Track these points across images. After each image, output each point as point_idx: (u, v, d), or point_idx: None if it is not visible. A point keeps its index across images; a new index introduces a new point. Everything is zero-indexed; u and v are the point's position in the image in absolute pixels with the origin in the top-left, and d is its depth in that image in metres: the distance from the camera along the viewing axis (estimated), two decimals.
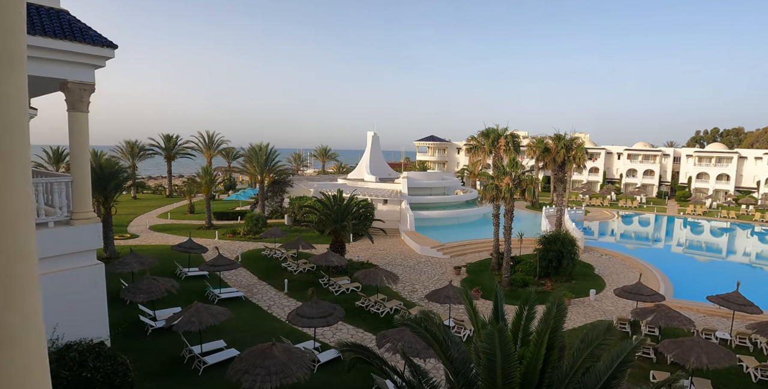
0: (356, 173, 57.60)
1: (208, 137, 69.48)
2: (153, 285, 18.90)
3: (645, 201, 69.14)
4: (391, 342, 14.49)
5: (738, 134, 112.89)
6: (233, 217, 46.98)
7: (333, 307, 17.61)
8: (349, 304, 23.33)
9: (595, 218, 55.99)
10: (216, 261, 24.13)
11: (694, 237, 51.07)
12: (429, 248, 35.26)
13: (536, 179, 28.70)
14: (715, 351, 15.16)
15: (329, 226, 29.31)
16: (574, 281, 28.65)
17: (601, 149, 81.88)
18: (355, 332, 20.45)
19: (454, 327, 20.81)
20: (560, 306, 7.83)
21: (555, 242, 29.01)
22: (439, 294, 20.50)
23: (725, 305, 20.67)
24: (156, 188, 74.89)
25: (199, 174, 44.26)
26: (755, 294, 21.53)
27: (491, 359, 6.76)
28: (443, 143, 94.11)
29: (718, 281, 26.10)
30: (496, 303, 9.19)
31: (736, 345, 20.35)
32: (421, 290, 26.65)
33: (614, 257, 35.59)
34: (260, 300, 24.04)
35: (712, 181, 73.23)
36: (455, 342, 8.38)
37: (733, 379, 17.08)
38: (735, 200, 67.55)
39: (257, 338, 18.03)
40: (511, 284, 27.30)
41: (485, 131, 40.34)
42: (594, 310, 24.30)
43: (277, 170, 49.70)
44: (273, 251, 32.89)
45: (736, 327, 21.64)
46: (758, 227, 54.12)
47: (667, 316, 18.65)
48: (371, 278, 22.80)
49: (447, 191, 54.89)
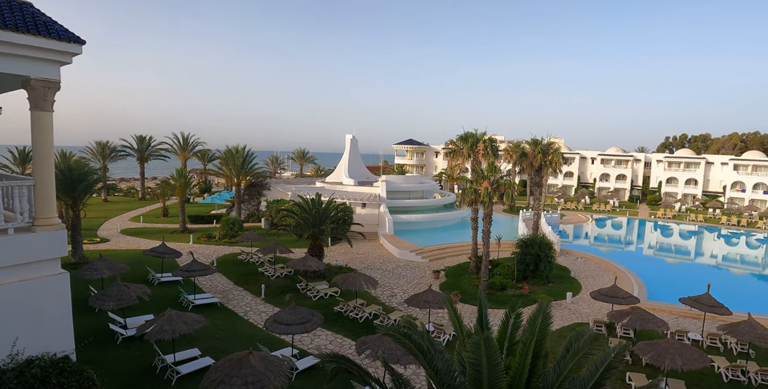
0: (335, 177, 57.22)
1: (183, 138, 68.04)
2: (123, 292, 18.21)
3: (618, 205, 70.74)
4: (371, 349, 14.26)
5: (705, 140, 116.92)
6: (208, 220, 46.00)
7: (311, 313, 17.27)
8: (328, 309, 23.01)
9: (570, 221, 56.96)
10: (190, 266, 23.47)
11: (664, 240, 52.43)
12: (408, 252, 35.18)
13: (514, 183, 28.94)
14: (688, 352, 15.44)
15: (307, 230, 28.91)
16: (551, 284, 28.96)
17: (575, 154, 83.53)
18: (333, 338, 20.13)
19: (433, 332, 20.71)
20: (545, 314, 7.78)
21: (532, 246, 29.31)
22: (418, 299, 20.37)
23: (697, 307, 21.17)
24: (128, 191, 72.89)
25: (173, 176, 43.17)
26: (724, 295, 22.13)
27: (477, 369, 6.63)
28: (422, 146, 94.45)
29: (689, 283, 26.83)
30: (481, 310, 9.08)
31: (708, 346, 20.85)
32: (400, 294, 26.51)
33: (589, 260, 36.18)
34: (236, 306, 23.47)
35: (681, 185, 75.50)
36: (439, 351, 8.24)
37: (705, 379, 17.44)
38: (703, 204, 69.76)
39: (233, 346, 17.56)
40: (490, 287, 27.41)
41: (464, 135, 40.62)
42: (571, 313, 24.58)
43: (254, 172, 48.95)
44: (250, 256, 32.27)
45: (707, 328, 22.19)
46: (725, 230, 55.98)
47: (641, 318, 18.97)
48: (350, 282, 22.53)
49: (425, 194, 55.03)
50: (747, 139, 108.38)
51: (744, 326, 18.16)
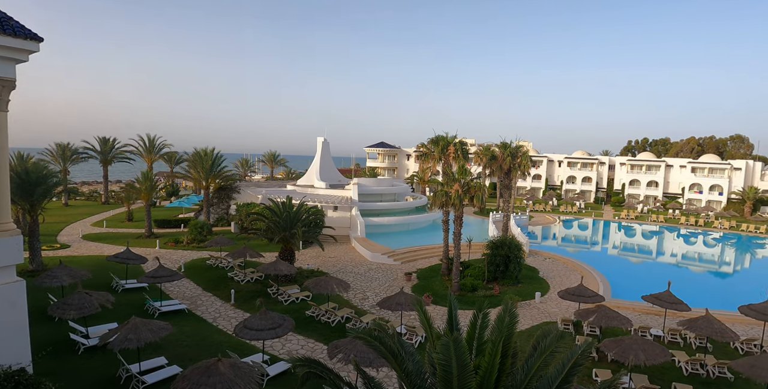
0: (306, 180, 56.80)
1: (149, 140, 66.16)
2: (85, 300, 17.54)
3: (584, 206, 72.78)
4: (343, 353, 14.19)
5: (665, 144, 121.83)
6: (176, 225, 44.86)
7: (282, 318, 17.06)
8: (300, 314, 22.78)
9: (538, 223, 58.24)
10: (156, 272, 22.82)
11: (628, 240, 54.24)
12: (380, 255, 35.21)
13: (484, 186, 29.39)
14: (651, 348, 16.02)
15: (278, 233, 28.57)
16: (521, 284, 29.52)
17: (543, 157, 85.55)
18: (305, 342, 19.93)
19: (405, 334, 20.77)
20: (512, 314, 7.92)
21: (502, 247, 29.81)
22: (390, 301, 20.40)
23: (658, 304, 21.98)
24: (90, 195, 70.28)
25: (139, 179, 41.93)
26: (684, 292, 23.04)
27: (447, 370, 6.69)
28: (393, 149, 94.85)
29: (651, 281, 27.74)
30: (450, 312, 9.18)
31: (669, 341, 21.67)
32: (372, 297, 26.48)
33: (557, 261, 37.07)
34: (205, 313, 22.94)
35: (642, 187, 78.35)
36: (409, 353, 8.27)
37: (666, 373, 18.10)
38: (663, 205, 72.55)
39: (202, 353, 17.15)
40: (461, 289, 27.72)
41: (435, 138, 41.10)
42: (539, 312, 25.10)
43: (224, 175, 48.06)
44: (219, 261, 31.62)
45: (668, 324, 23.04)
46: (684, 229, 58.39)
47: (607, 316, 19.56)
48: (322, 286, 22.38)
49: (397, 197, 55.26)
50: (703, 143, 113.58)
51: (702, 321, 18.96)
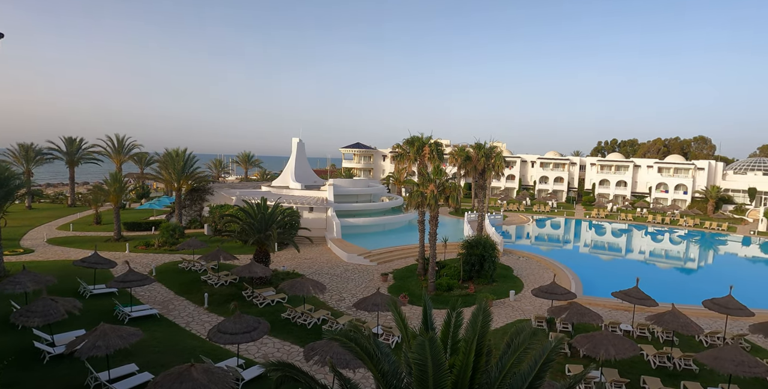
0: (281, 181, 56.25)
1: (118, 140, 64.37)
2: (50, 307, 16.94)
3: (556, 206, 74.33)
4: (319, 355, 14.12)
5: (633, 145, 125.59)
6: (146, 228, 43.76)
7: (257, 321, 16.86)
8: (275, 316, 22.55)
9: (512, 222, 59.19)
10: (126, 276, 22.20)
11: (598, 238, 55.67)
12: (356, 256, 35.15)
13: (459, 186, 29.68)
14: (620, 342, 16.49)
15: (253, 235, 28.20)
16: (495, 283, 29.93)
17: (516, 158, 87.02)
18: (281, 345, 19.73)
19: (382, 335, 20.80)
20: (485, 312, 8.03)
21: (477, 247, 30.17)
22: (366, 302, 20.40)
23: (627, 299, 22.63)
24: (56, 197, 67.79)
25: (107, 181, 40.69)
26: (651, 288, 23.83)
27: (422, 369, 6.74)
28: (369, 150, 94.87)
29: (620, 278, 28.51)
30: (425, 311, 9.24)
31: (638, 336, 22.35)
32: (348, 298, 26.42)
33: (531, 259, 37.74)
34: (177, 317, 22.45)
35: (612, 187, 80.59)
36: (385, 353, 8.29)
37: (635, 367, 18.67)
38: (632, 204, 74.78)
39: (174, 359, 16.78)
40: (437, 288, 27.93)
41: (410, 139, 41.33)
42: (514, 310, 25.51)
43: (196, 176, 47.11)
44: (191, 264, 31.00)
45: (636, 319, 23.76)
46: (651, 227, 60.31)
47: (578, 313, 20.03)
48: (297, 288, 22.19)
49: (373, 198, 55.27)
50: (669, 144, 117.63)
51: (668, 316, 19.63)
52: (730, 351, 15.66)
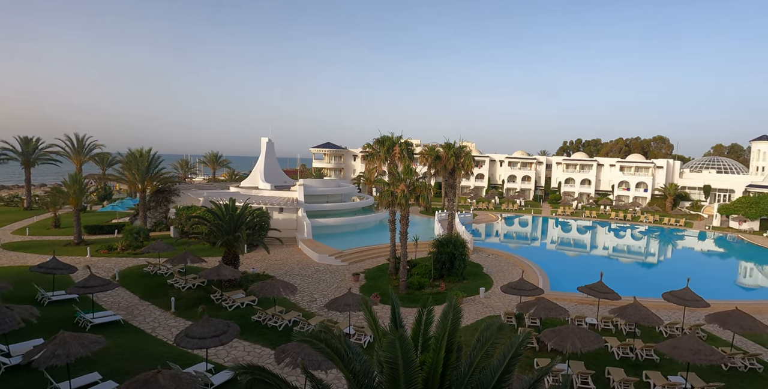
0: (250, 181, 55.37)
1: (78, 140, 61.88)
2: (5, 315, 16.14)
3: (524, 204, 75.96)
4: (290, 357, 13.99)
5: (596, 144, 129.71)
6: (109, 231, 42.28)
7: (227, 324, 16.54)
8: (245, 319, 22.19)
9: (481, 220, 60.14)
10: (87, 282, 21.41)
11: (564, 235, 57.21)
12: (327, 256, 34.97)
13: (429, 185, 29.93)
14: (586, 336, 17.00)
15: (221, 237, 27.65)
16: (466, 280, 30.34)
17: (485, 157, 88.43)
18: (252, 348, 19.43)
19: (354, 335, 20.77)
20: (455, 309, 8.13)
21: (447, 245, 30.51)
22: (338, 303, 20.33)
23: (592, 294, 23.37)
24: (10, 200, 64.62)
25: (66, 183, 39.07)
26: (614, 282, 24.65)
27: (393, 367, 6.77)
28: (340, 150, 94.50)
29: (585, 273, 29.36)
30: (394, 309, 9.28)
31: (602, 328, 23.10)
32: (320, 299, 26.25)
33: (500, 257, 38.43)
34: (143, 323, 21.78)
35: (577, 185, 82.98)
36: (356, 353, 8.27)
37: (600, 358, 19.28)
38: (596, 202, 77.21)
39: (140, 366, 16.27)
40: (409, 287, 28.09)
41: (381, 138, 41.35)
42: (484, 307, 25.92)
43: (161, 177, 45.84)
44: (157, 267, 30.15)
45: (601, 312, 24.53)
46: (614, 224, 62.43)
47: (546, 308, 20.53)
48: (268, 290, 21.90)
49: (344, 198, 55.10)
50: (630, 143, 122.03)
51: (631, 308, 20.37)
52: (688, 340, 16.38)
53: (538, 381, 8.06)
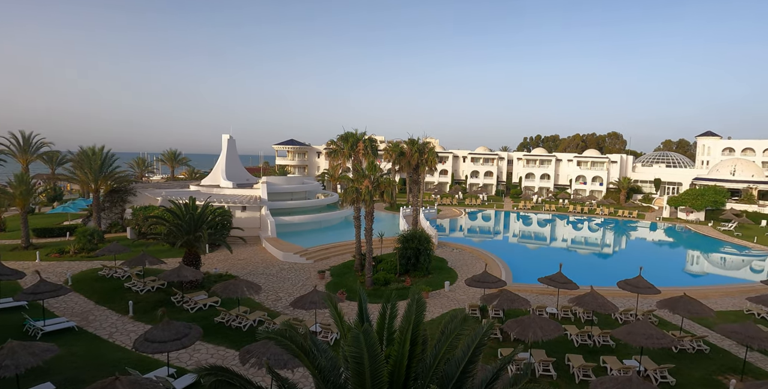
0: (211, 179, 53.93)
1: (24, 138, 58.45)
2: None
3: (486, 199, 77.50)
4: (255, 357, 13.77)
5: (555, 140, 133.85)
6: (60, 233, 40.25)
7: (188, 326, 16.09)
8: (208, 321, 21.68)
9: (446, 215, 60.97)
10: (37, 288, 20.30)
11: (525, 228, 58.80)
12: (292, 254, 34.58)
13: (393, 182, 30.11)
14: (547, 325, 17.56)
15: (181, 237, 26.86)
16: (431, 275, 30.72)
17: (449, 153, 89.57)
18: (215, 350, 19.01)
19: (321, 332, 20.67)
20: (419, 302, 8.22)
21: (412, 240, 30.77)
22: (304, 300, 20.17)
23: (552, 284, 24.15)
24: None
25: (12, 183, 36.89)
26: (573, 272, 25.53)
27: (359, 362, 6.78)
28: (303, 147, 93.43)
29: (546, 265, 30.28)
30: (360, 305, 9.30)
31: (562, 317, 23.91)
32: (285, 298, 25.95)
33: (464, 251, 39.09)
34: (99, 329, 20.90)
35: (537, 180, 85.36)
36: (322, 350, 8.24)
37: (560, 346, 19.96)
38: (554, 196, 79.68)
39: (97, 374, 15.66)
40: (375, 283, 28.18)
41: (344, 135, 41.21)
42: (449, 300, 26.33)
43: (116, 177, 44.01)
44: (113, 270, 28.96)
45: (561, 302, 25.39)
46: (572, 217, 64.65)
47: (509, 299, 21.06)
48: (231, 290, 21.46)
49: (308, 195, 54.60)
50: (586, 139, 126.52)
51: (588, 297, 21.20)
52: (641, 325, 17.20)
53: (501, 369, 8.28)
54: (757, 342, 17.01)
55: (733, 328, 18.02)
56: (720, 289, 30.18)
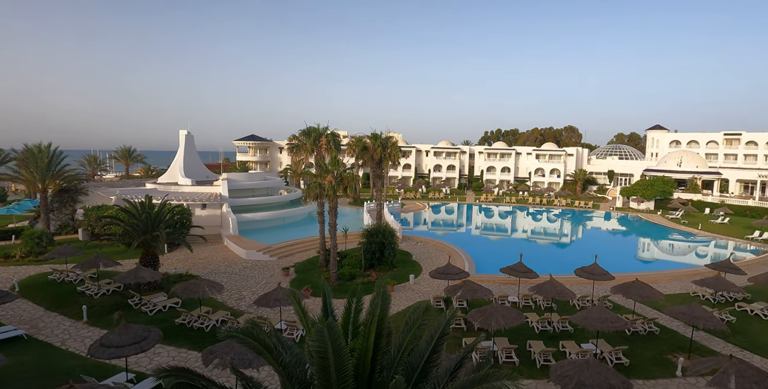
0: (169, 177, 52.15)
1: None
2: None
3: (449, 192, 78.63)
4: (219, 357, 13.50)
5: (515, 134, 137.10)
6: (5, 236, 38.01)
7: (147, 329, 15.57)
8: (169, 323, 21.05)
9: (410, 209, 61.46)
10: None
11: (487, 221, 60.08)
12: (255, 252, 34.01)
13: (357, 176, 30.02)
14: (509, 313, 18.04)
15: (137, 237, 25.88)
16: (396, 268, 30.94)
17: (412, 148, 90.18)
18: (177, 353, 18.48)
19: (286, 330, 20.47)
20: (384, 295, 8.27)
21: (377, 235, 30.87)
22: (268, 298, 19.90)
23: (513, 274, 24.82)
24: None
25: None
26: (533, 262, 26.33)
27: (323, 356, 6.75)
28: (265, 142, 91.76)
29: (507, 255, 31.02)
30: (325, 299, 9.25)
31: (523, 305, 24.66)
32: (249, 296, 25.52)
33: (428, 244, 39.56)
34: (50, 336, 19.89)
35: (498, 173, 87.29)
36: (287, 346, 8.17)
37: (522, 333, 20.57)
38: (515, 188, 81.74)
39: (49, 383, 14.96)
40: (340, 278, 28.12)
41: (306, 130, 40.72)
42: (414, 293, 26.62)
43: (65, 175, 41.84)
44: (65, 274, 27.59)
45: (522, 290, 26.15)
46: (531, 208, 66.57)
47: (472, 290, 21.50)
48: (192, 290, 20.89)
49: (271, 191, 53.75)
50: (544, 133, 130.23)
51: (547, 285, 21.93)
52: (597, 310, 17.96)
53: (465, 358, 8.45)
54: (702, 322, 18.11)
55: (681, 310, 19.12)
56: (668, 274, 31.89)
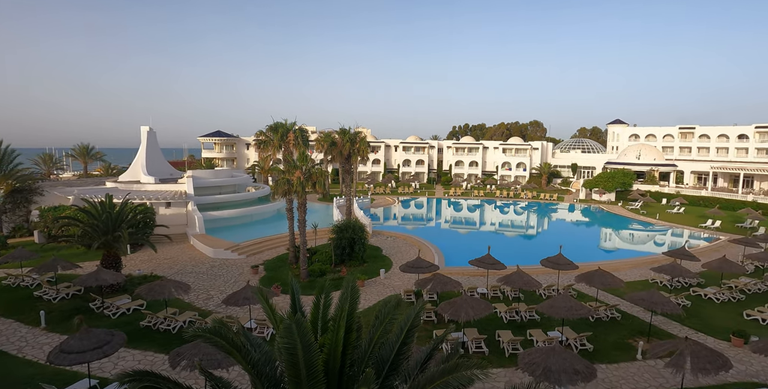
0: (130, 175, 50.45)
1: None
2: None
3: (419, 187, 79.18)
4: (186, 359, 13.22)
5: (482, 128, 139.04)
6: None
7: (110, 333, 15.05)
8: (133, 326, 20.43)
9: (379, 204, 61.58)
10: None
11: (456, 214, 60.87)
12: (223, 251, 33.37)
13: (326, 172, 29.85)
14: (477, 304, 18.39)
15: (98, 238, 24.94)
16: (366, 263, 30.99)
17: (381, 143, 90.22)
18: (143, 356, 17.97)
19: (256, 328, 20.24)
20: (353, 289, 8.27)
21: (347, 230, 30.81)
22: (236, 297, 19.60)
23: (482, 266, 25.27)
24: None
25: None
26: (500, 253, 26.80)
27: (292, 352, 6.71)
28: (231, 138, 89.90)
29: (475, 248, 31.54)
30: (293, 296, 9.18)
31: (492, 296, 25.18)
32: (217, 296, 25.04)
33: (398, 238, 39.77)
34: (5, 344, 18.97)
35: (466, 167, 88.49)
36: (256, 344, 8.07)
37: (491, 324, 21.03)
38: (482, 182, 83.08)
39: None
40: (310, 275, 27.95)
41: (274, 125, 40.10)
42: (385, 287, 26.75)
43: (18, 175, 39.91)
44: (20, 279, 26.34)
45: (490, 282, 26.66)
46: (499, 202, 67.87)
47: (441, 283, 21.78)
48: (157, 292, 20.31)
49: (238, 188, 52.81)
50: (511, 127, 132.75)
51: (515, 276, 22.44)
52: (562, 299, 18.53)
53: (435, 349, 8.57)
54: (660, 307, 18.99)
55: (640, 296, 19.97)
56: (629, 262, 33.20)
